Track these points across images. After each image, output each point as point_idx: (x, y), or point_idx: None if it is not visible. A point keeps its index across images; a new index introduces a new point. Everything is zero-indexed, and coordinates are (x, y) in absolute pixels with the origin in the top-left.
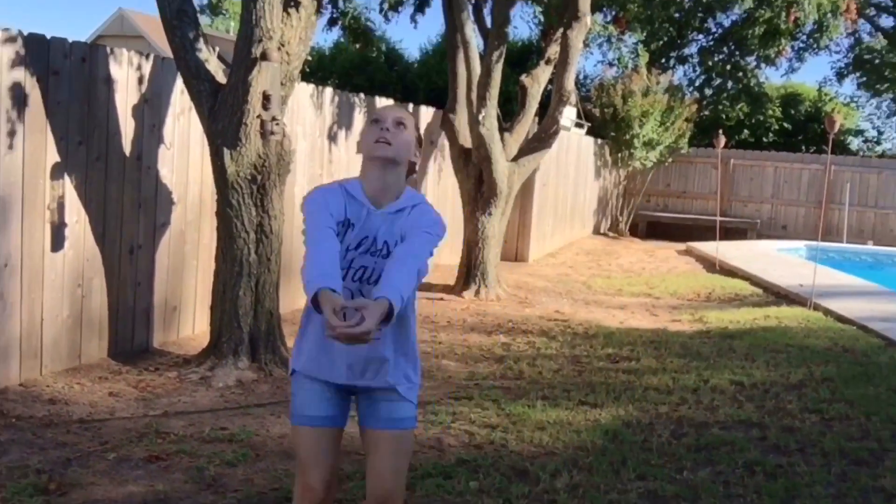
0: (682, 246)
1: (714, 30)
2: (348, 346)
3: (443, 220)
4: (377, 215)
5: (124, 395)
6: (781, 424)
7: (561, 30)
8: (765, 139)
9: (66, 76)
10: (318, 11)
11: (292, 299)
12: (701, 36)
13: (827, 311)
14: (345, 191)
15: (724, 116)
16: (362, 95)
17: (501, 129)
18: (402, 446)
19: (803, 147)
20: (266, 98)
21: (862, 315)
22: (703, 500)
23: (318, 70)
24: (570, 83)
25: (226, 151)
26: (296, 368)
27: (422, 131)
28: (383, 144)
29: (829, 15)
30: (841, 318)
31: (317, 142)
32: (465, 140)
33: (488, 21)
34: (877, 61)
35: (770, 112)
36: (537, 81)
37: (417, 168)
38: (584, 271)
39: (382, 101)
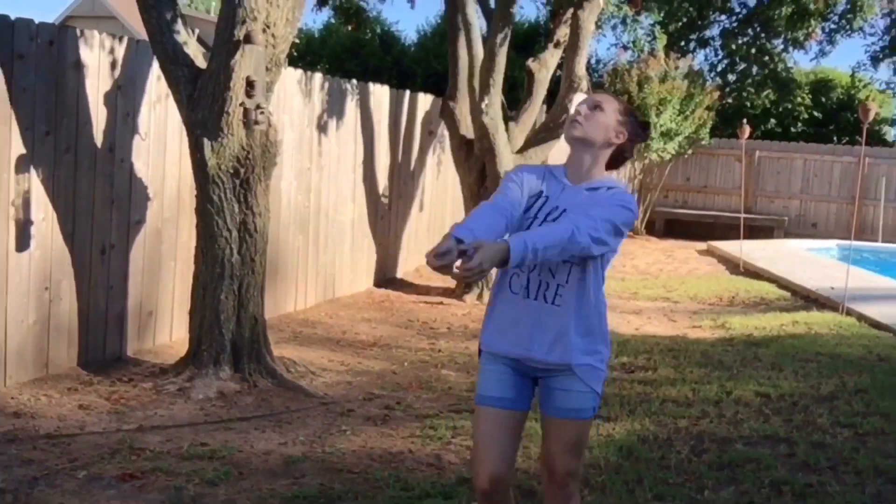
0: (702, 245)
1: (738, 10)
2: (529, 315)
3: (634, 208)
4: (571, 189)
5: (95, 407)
6: (811, 440)
7: (571, 10)
8: (793, 129)
9: (32, 61)
10: None
11: (278, 303)
12: (723, 17)
13: (861, 317)
14: (548, 170)
15: (748, 104)
16: (354, 81)
17: (506, 119)
18: (573, 435)
19: (835, 138)
20: (250, 84)
21: None
22: None
23: (306, 54)
24: (580, 68)
25: (206, 142)
26: (481, 347)
27: (418, 121)
28: (575, 123)
29: None
30: (876, 324)
31: (305, 132)
32: (467, 130)
33: (492, 0)
34: None
35: (799, 100)
36: (545, 66)
37: (630, 152)
38: None
39: (376, 88)
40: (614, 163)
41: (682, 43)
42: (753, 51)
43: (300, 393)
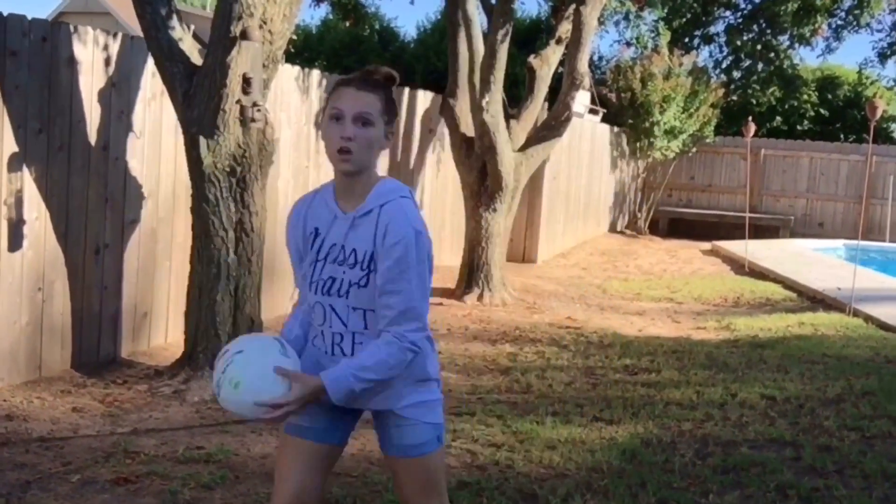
0: (707, 245)
1: (743, 6)
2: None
3: (418, 227)
4: (344, 220)
5: (89, 410)
6: (818, 443)
7: (573, 6)
8: (799, 127)
9: (24, 57)
10: None
11: (275, 304)
12: (728, 12)
13: (868, 318)
14: (315, 196)
15: (753, 102)
16: None
17: (507, 116)
18: (420, 473)
19: (842, 136)
20: (246, 81)
21: None
22: None
23: (304, 50)
24: (583, 65)
25: (202, 140)
26: None
27: (418, 119)
28: (345, 156)
29: None
30: (884, 326)
31: (303, 130)
32: (468, 128)
33: None
34: None
35: (805, 97)
36: (547, 63)
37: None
38: (599, 273)
39: None
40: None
41: (687, 39)
42: (759, 47)
43: None
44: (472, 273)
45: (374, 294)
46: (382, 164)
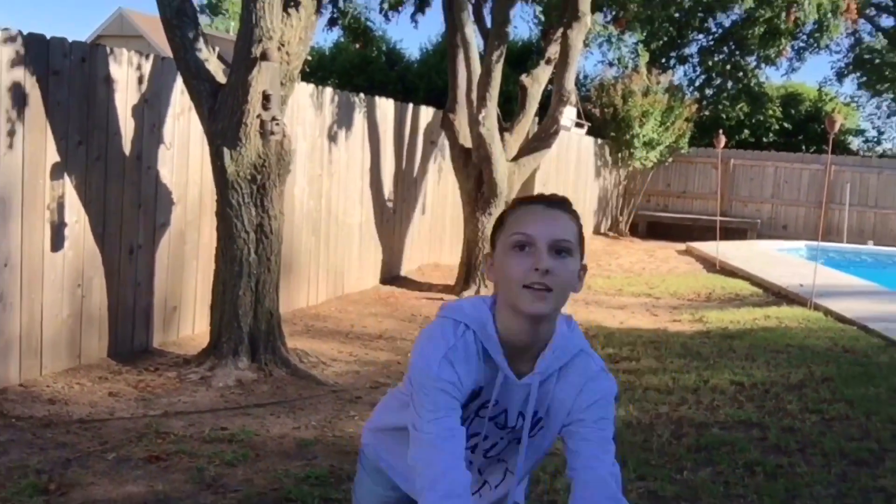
0: (682, 246)
1: (714, 30)
2: None
3: (612, 379)
4: (518, 387)
5: (124, 395)
6: (782, 425)
7: (561, 30)
8: (765, 139)
9: (65, 76)
10: (318, 11)
11: (292, 299)
12: (701, 36)
13: (827, 312)
14: (479, 345)
15: (724, 116)
16: (362, 95)
17: (501, 129)
18: None
19: (803, 147)
20: (266, 98)
21: (862, 315)
22: (704, 500)
23: (318, 70)
24: (570, 83)
25: (226, 151)
26: (370, 458)
27: (421, 132)
28: (540, 294)
29: (830, 15)
30: (841, 318)
31: (317, 142)
32: (466, 140)
33: (488, 21)
34: (877, 61)
35: (770, 112)
36: (537, 81)
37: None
38: None
39: (382, 101)
40: None
41: (663, 60)
42: (728, 67)
43: (312, 381)
44: (470, 271)
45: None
46: (388, 171)
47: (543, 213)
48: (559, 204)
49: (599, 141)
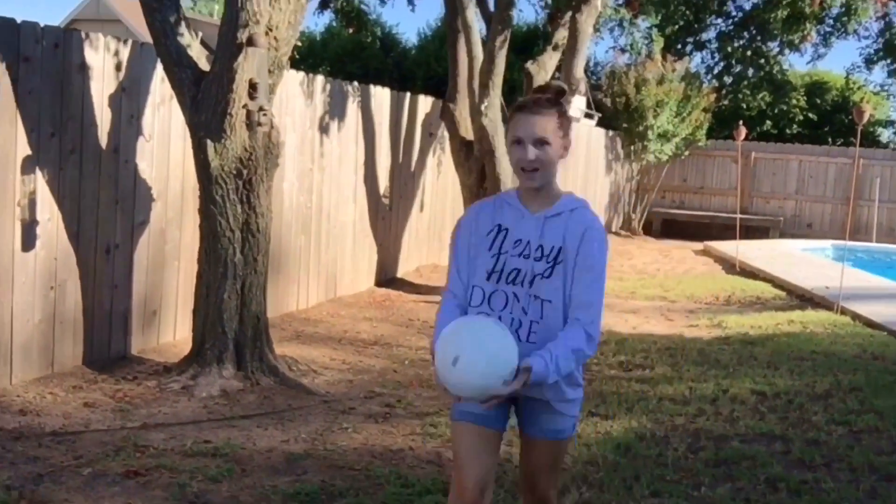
0: (699, 245)
1: (734, 13)
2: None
3: (601, 229)
4: (532, 219)
5: (100, 405)
6: (806, 437)
7: (569, 13)
8: (788, 131)
9: (37, 63)
10: None
11: (280, 302)
12: (720, 20)
13: (855, 316)
14: (500, 199)
15: (744, 106)
16: (356, 84)
17: (505, 121)
18: (554, 455)
19: (830, 139)
20: (252, 87)
21: (893, 320)
22: None
23: (308, 57)
24: (579, 71)
25: (209, 144)
26: None
27: (419, 123)
28: (530, 174)
29: None
30: (870, 323)
31: (307, 134)
32: (467, 132)
33: (491, 4)
34: None
35: (794, 101)
36: (544, 69)
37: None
38: None
39: (377, 90)
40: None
41: (679, 46)
42: (749, 53)
43: (302, 391)
44: None
45: (556, 286)
46: (384, 165)
47: (527, 119)
48: (537, 108)
49: (611, 133)
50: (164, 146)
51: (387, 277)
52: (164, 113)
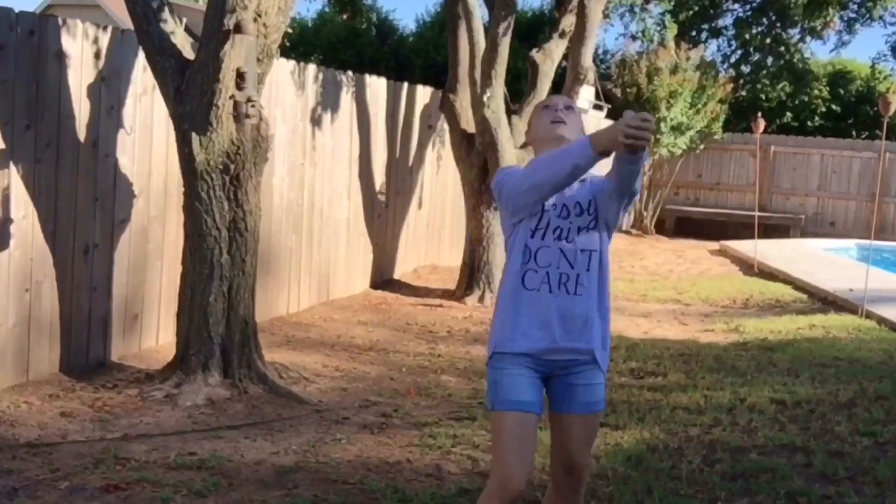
0: (715, 245)
1: None
2: (553, 308)
3: None
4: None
5: (78, 415)
6: (829, 449)
7: None
8: (810, 123)
9: (11, 51)
10: None
11: (270, 305)
12: (737, 5)
13: (881, 320)
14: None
15: (763, 97)
16: (350, 73)
17: (509, 112)
18: (593, 427)
19: (854, 132)
20: (240, 76)
21: None
22: None
23: (299, 44)
24: (587, 59)
25: (194, 137)
26: (497, 350)
27: (417, 115)
28: (560, 124)
29: None
30: None
31: (298, 126)
32: (468, 124)
33: None
34: None
35: (816, 92)
36: (550, 57)
37: None
38: None
39: (373, 80)
40: None
41: (694, 33)
42: (768, 41)
43: (293, 400)
44: (473, 273)
45: (599, 238)
46: (380, 159)
47: (556, 97)
48: (565, 97)
49: None
50: (147, 139)
51: (383, 279)
52: (146, 104)
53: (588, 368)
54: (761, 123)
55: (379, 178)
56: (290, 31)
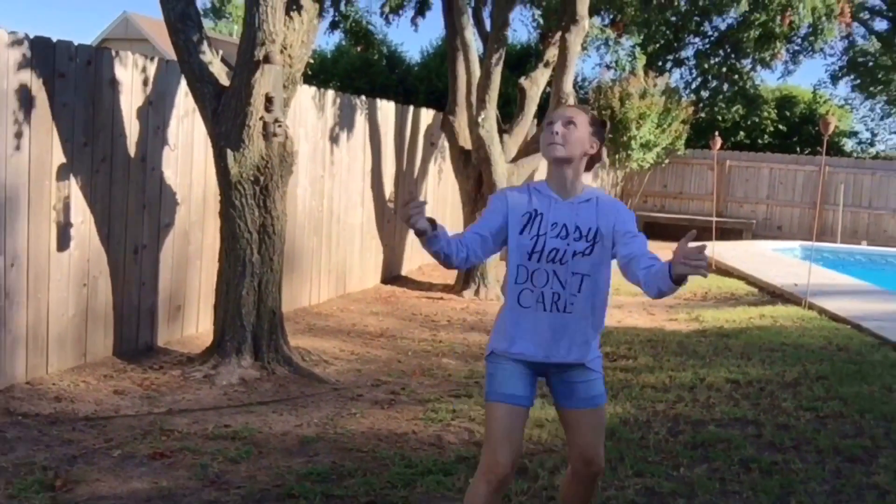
0: None
1: (710, 33)
2: (546, 325)
3: (625, 205)
4: (565, 204)
5: (129, 392)
6: (777, 422)
7: (559, 33)
8: (760, 141)
9: (71, 78)
10: (320, 15)
11: (294, 298)
12: (697, 39)
13: (821, 311)
14: (532, 188)
15: (719, 118)
16: (363, 98)
17: (501, 131)
18: (599, 419)
19: (798, 149)
20: (269, 100)
21: (856, 314)
22: (700, 496)
23: (319, 73)
24: (568, 86)
25: (229, 153)
26: (496, 350)
27: (421, 134)
28: (555, 145)
29: (824, 18)
30: (835, 317)
31: (319, 143)
32: (465, 141)
33: (488, 24)
34: (870, 64)
35: (765, 114)
36: (536, 84)
37: (601, 157)
38: None
39: (383, 104)
40: (588, 167)
41: (660, 63)
42: (724, 70)
43: (314, 379)
44: (470, 271)
45: (594, 262)
46: (389, 172)
47: (562, 109)
48: (573, 106)
49: None
50: (188, 155)
51: (392, 275)
52: (187, 124)
53: (582, 369)
54: (718, 141)
55: (388, 189)
56: (311, 61)
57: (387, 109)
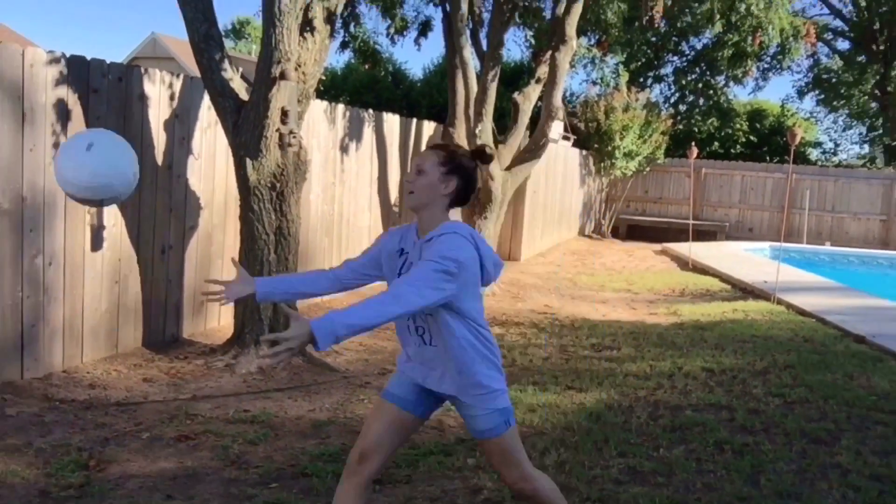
0: (658, 246)
1: (687, 52)
2: (418, 352)
3: (459, 251)
4: (418, 244)
5: (157, 380)
6: (748, 407)
7: (549, 52)
8: (733, 150)
9: (104, 94)
10: (331, 35)
11: None
12: (675, 58)
13: (789, 306)
14: (408, 228)
15: (696, 130)
16: (371, 111)
17: (496, 142)
18: (498, 451)
19: (768, 157)
20: (284, 113)
21: (820, 309)
22: (678, 475)
23: (331, 88)
24: (557, 100)
25: (248, 161)
26: (398, 361)
27: (423, 144)
28: (407, 195)
29: (791, 39)
30: (801, 312)
31: (330, 153)
32: None
33: (484, 44)
34: (833, 80)
35: (738, 126)
36: (528, 99)
37: (473, 189)
38: (571, 269)
39: (389, 116)
40: (462, 200)
41: (641, 79)
42: (700, 86)
43: (326, 368)
44: None
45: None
46: (394, 179)
47: (417, 157)
48: (428, 149)
49: (584, 152)
50: (210, 163)
51: None
52: (210, 136)
53: (465, 403)
54: (694, 151)
55: (394, 194)
56: (323, 77)
57: (392, 122)
